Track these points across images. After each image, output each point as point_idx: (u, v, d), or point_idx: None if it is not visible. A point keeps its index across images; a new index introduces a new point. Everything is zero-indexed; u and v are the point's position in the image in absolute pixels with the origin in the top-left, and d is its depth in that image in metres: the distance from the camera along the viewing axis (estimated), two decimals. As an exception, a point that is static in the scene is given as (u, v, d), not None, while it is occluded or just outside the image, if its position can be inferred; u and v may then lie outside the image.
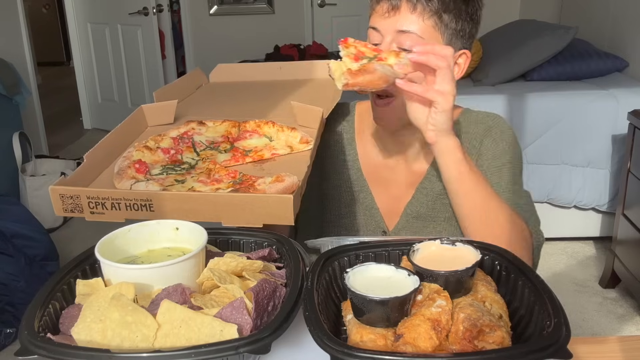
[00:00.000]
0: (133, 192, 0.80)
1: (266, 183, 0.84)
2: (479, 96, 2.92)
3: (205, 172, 0.90)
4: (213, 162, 0.94)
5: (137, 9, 4.68)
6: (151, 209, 0.80)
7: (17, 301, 2.30)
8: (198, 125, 1.05)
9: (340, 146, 1.19)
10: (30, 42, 4.26)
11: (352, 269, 0.76)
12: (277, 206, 0.78)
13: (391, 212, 1.16)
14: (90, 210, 0.82)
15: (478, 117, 1.17)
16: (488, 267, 0.84)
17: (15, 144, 3.44)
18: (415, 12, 1.00)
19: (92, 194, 0.81)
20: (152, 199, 0.80)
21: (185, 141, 1.00)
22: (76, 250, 0.86)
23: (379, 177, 1.17)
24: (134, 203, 0.80)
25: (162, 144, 0.98)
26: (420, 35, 1.01)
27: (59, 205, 0.83)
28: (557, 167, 2.90)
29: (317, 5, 4.94)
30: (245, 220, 0.79)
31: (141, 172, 0.89)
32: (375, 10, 1.05)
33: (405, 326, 0.70)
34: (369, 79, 0.87)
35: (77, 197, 0.82)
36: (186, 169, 0.92)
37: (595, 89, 2.91)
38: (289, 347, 0.78)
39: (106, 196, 0.81)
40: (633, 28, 3.10)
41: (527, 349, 0.64)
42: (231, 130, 1.04)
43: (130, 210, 0.80)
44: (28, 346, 0.64)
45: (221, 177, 0.87)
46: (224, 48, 4.89)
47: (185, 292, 0.72)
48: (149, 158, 0.94)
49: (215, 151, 0.98)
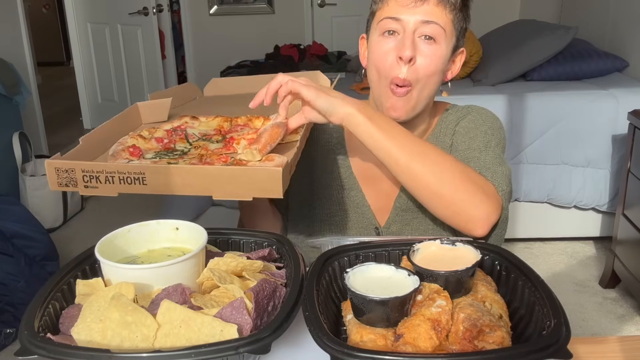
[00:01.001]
0: (127, 166, 0.82)
1: (256, 163, 0.86)
2: (479, 96, 2.92)
3: (197, 157, 0.91)
4: (205, 148, 0.95)
5: (137, 9, 4.68)
6: (144, 182, 0.81)
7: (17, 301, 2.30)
8: (191, 119, 1.07)
9: (330, 145, 1.20)
10: (30, 42, 4.26)
11: (352, 269, 0.76)
12: (266, 179, 0.78)
13: (382, 208, 1.17)
14: (85, 184, 0.83)
15: (461, 108, 1.20)
16: (488, 267, 0.84)
17: (15, 144, 3.44)
18: (440, 4, 1.02)
19: (87, 167, 0.83)
20: (145, 172, 0.81)
21: (179, 133, 1.02)
22: (76, 250, 0.86)
23: (369, 175, 1.18)
24: (127, 176, 0.81)
25: (156, 134, 1.00)
26: (443, 27, 1.03)
27: (54, 179, 0.84)
28: (557, 167, 2.90)
29: (317, 5, 4.94)
30: (235, 194, 0.80)
31: (135, 155, 0.91)
32: (395, 0, 1.04)
33: (405, 326, 0.70)
34: (267, 136, 0.91)
35: (72, 171, 0.83)
36: (179, 155, 0.93)
37: (595, 89, 2.91)
38: (289, 347, 0.78)
39: (100, 169, 0.82)
40: (633, 28, 3.10)
41: (527, 349, 0.64)
42: (223, 125, 1.06)
43: (124, 184, 0.82)
44: (28, 346, 0.64)
45: (212, 161, 0.88)
46: (224, 48, 4.88)
47: (185, 292, 0.72)
48: (144, 145, 0.96)
49: (207, 142, 0.99)
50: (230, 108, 1.23)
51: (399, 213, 1.15)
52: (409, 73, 1.03)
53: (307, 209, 1.20)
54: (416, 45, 1.03)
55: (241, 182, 0.79)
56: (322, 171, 1.19)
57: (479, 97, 2.91)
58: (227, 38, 5.00)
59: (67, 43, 7.64)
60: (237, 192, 0.80)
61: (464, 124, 1.14)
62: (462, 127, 1.14)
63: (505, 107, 2.86)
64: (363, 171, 1.18)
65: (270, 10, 4.99)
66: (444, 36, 1.03)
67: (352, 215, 1.17)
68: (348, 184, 1.18)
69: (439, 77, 1.07)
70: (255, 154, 0.87)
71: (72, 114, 5.62)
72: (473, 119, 1.15)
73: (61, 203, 3.40)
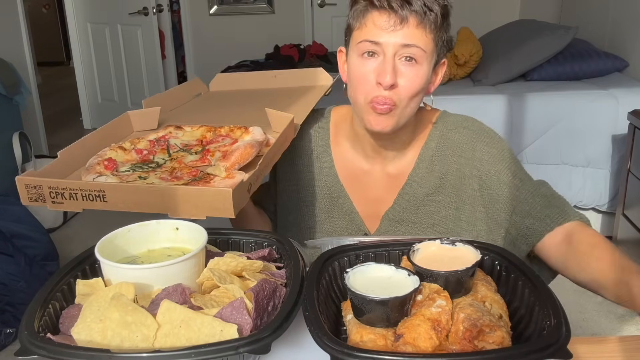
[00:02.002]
0: (88, 184, 0.85)
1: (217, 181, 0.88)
2: (479, 96, 2.92)
3: (169, 170, 0.93)
4: (179, 161, 0.97)
5: (137, 9, 4.68)
6: (104, 199, 0.85)
7: (17, 301, 2.30)
8: (175, 129, 1.09)
9: (316, 153, 1.19)
10: (30, 42, 4.26)
11: (352, 269, 0.76)
12: (217, 199, 0.80)
13: (370, 215, 1.16)
14: (52, 200, 0.87)
15: (457, 121, 1.16)
16: (488, 267, 0.84)
17: (15, 144, 3.44)
18: (420, 25, 0.98)
19: (53, 184, 0.86)
20: (105, 190, 0.84)
21: (161, 144, 1.04)
22: (76, 250, 0.87)
23: (356, 182, 1.17)
24: (89, 194, 0.85)
25: (139, 146, 1.03)
26: (424, 49, 0.99)
27: (24, 195, 0.89)
28: (557, 167, 2.90)
29: (317, 5, 4.94)
30: (189, 212, 0.82)
31: (109, 169, 0.94)
32: (373, 22, 1.00)
33: (405, 326, 0.70)
34: (237, 155, 0.92)
35: (40, 187, 0.87)
36: (152, 168, 0.95)
37: (595, 89, 2.91)
38: (289, 347, 0.78)
39: (64, 186, 0.85)
40: (633, 28, 3.10)
41: (527, 349, 0.64)
42: (206, 135, 1.07)
43: (87, 201, 0.85)
44: (28, 346, 0.65)
45: (182, 174, 0.90)
46: (224, 48, 4.88)
47: (185, 292, 0.72)
48: (122, 157, 0.99)
49: (186, 153, 1.01)
50: (226, 113, 1.24)
51: (392, 224, 1.14)
52: (390, 94, 1.00)
53: (294, 216, 1.20)
54: (397, 69, 1.00)
55: (194, 202, 0.81)
56: (309, 179, 1.19)
57: (479, 97, 2.92)
58: (227, 38, 4.99)
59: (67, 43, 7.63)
60: (192, 211, 0.82)
61: (483, 149, 1.12)
62: (483, 154, 1.11)
63: (505, 107, 2.86)
64: (350, 178, 1.17)
65: (270, 10, 4.98)
66: (425, 56, 1.00)
67: (341, 222, 1.17)
68: (335, 191, 1.17)
69: (421, 95, 1.05)
70: (222, 170, 0.89)
71: (72, 114, 5.62)
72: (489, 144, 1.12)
73: (61, 203, 3.39)
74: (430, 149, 1.14)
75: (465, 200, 1.12)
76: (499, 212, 1.10)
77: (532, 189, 1.10)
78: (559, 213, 1.07)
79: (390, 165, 1.15)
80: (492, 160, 1.11)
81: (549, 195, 1.10)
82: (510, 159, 1.12)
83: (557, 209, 1.07)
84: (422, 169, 1.13)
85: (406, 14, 0.97)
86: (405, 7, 0.97)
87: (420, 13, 0.98)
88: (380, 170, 1.16)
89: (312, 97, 1.24)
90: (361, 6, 1.02)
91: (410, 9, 0.97)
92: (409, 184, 1.14)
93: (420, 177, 1.13)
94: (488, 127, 1.16)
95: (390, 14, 0.98)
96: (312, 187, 1.18)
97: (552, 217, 1.07)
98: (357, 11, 1.03)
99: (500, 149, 1.12)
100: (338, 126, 1.20)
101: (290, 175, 1.20)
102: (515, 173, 1.11)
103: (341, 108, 1.21)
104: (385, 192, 1.15)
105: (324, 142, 1.19)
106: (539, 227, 1.07)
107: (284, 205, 1.21)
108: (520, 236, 1.10)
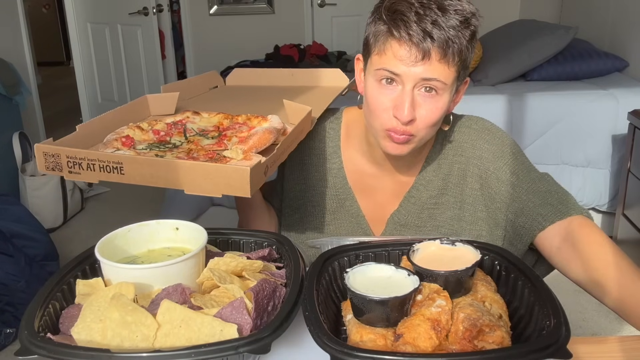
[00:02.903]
0: (106, 155, 0.85)
1: (234, 163, 0.87)
2: (479, 96, 2.92)
3: (186, 151, 0.93)
4: (196, 143, 0.97)
5: (137, 9, 4.68)
6: (121, 171, 0.84)
7: (17, 301, 2.30)
8: (193, 114, 1.08)
9: (326, 154, 1.18)
10: (30, 42, 4.25)
11: (352, 269, 0.76)
12: (234, 177, 0.80)
13: (376, 219, 1.15)
14: (69, 169, 0.87)
15: (461, 121, 1.15)
16: (488, 267, 0.84)
17: (15, 144, 3.44)
18: (443, 59, 0.93)
19: (71, 153, 0.86)
20: (123, 162, 0.84)
21: (178, 127, 1.03)
22: (76, 250, 0.87)
23: (364, 185, 1.16)
24: (106, 165, 0.84)
25: (156, 127, 1.03)
26: (445, 82, 0.95)
27: (42, 162, 0.88)
28: (557, 167, 2.90)
29: (317, 5, 4.93)
30: (205, 189, 0.82)
31: (126, 146, 0.93)
32: (393, 53, 0.94)
33: (405, 326, 0.70)
34: (256, 139, 0.92)
35: (58, 156, 0.86)
36: (169, 148, 0.95)
37: (595, 89, 2.91)
38: (289, 347, 0.78)
39: (82, 156, 0.85)
40: (633, 28, 3.09)
41: (527, 348, 0.64)
42: (223, 122, 1.06)
43: (104, 172, 0.85)
44: (28, 346, 0.65)
45: (199, 156, 0.90)
46: (224, 48, 4.88)
47: (185, 292, 0.72)
48: (139, 136, 0.99)
49: (202, 137, 1.00)
50: (242, 104, 1.24)
51: (397, 227, 1.14)
52: (408, 128, 0.98)
53: (300, 216, 1.19)
54: (415, 102, 0.96)
55: (211, 178, 0.80)
56: (317, 179, 1.18)
57: (479, 97, 2.92)
58: (227, 38, 4.99)
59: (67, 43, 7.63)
60: (207, 188, 0.82)
61: (483, 146, 1.11)
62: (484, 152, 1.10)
63: (505, 107, 2.86)
64: (358, 181, 1.16)
65: (270, 10, 4.98)
66: (446, 88, 0.96)
67: (346, 224, 1.16)
68: (343, 193, 1.16)
69: (440, 122, 1.02)
70: (239, 153, 0.88)
71: (72, 114, 5.62)
72: (489, 141, 1.11)
73: (61, 203, 3.40)
74: (436, 152, 1.13)
75: (467, 199, 1.11)
76: (497, 212, 1.10)
77: (527, 186, 1.08)
78: (552, 211, 1.05)
79: (399, 171, 1.14)
80: (492, 157, 1.10)
81: (545, 192, 1.08)
82: (510, 156, 1.10)
83: (551, 207, 1.06)
84: (430, 172, 1.13)
85: (428, 47, 0.92)
86: (427, 40, 0.91)
87: (442, 47, 0.92)
88: (390, 176, 1.15)
89: (328, 96, 1.23)
90: (382, 29, 0.96)
91: (432, 43, 0.92)
92: (415, 187, 1.13)
93: (427, 180, 1.13)
94: (491, 124, 1.14)
95: (412, 47, 0.92)
96: (319, 187, 1.18)
97: (545, 216, 1.05)
98: (377, 33, 0.97)
99: (500, 146, 1.11)
100: (349, 128, 1.18)
101: (298, 174, 1.19)
102: (514, 170, 1.10)
103: (354, 109, 1.20)
104: (391, 197, 1.15)
105: (334, 143, 1.18)
106: (531, 225, 1.06)
107: (290, 204, 1.21)
108: (516, 235, 1.09)
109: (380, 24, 0.97)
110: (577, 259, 1.01)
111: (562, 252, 1.04)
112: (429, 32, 0.91)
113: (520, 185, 1.09)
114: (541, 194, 1.08)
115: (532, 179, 1.10)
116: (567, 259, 1.03)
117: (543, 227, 1.05)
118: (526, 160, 1.13)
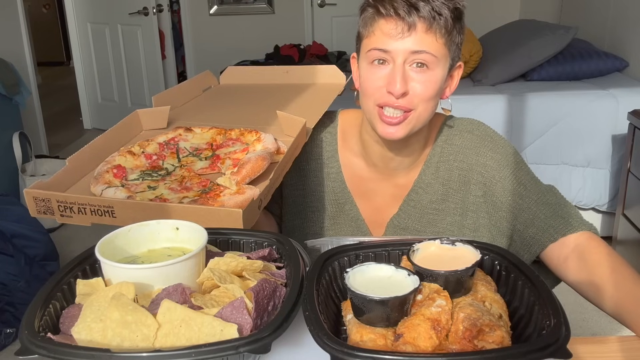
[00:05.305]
0: (97, 199, 0.85)
1: (228, 195, 0.87)
2: (479, 96, 2.92)
3: (179, 179, 0.93)
4: (189, 169, 0.96)
5: (137, 9, 4.68)
6: (113, 215, 0.84)
7: (17, 301, 2.30)
8: (185, 131, 1.07)
9: (323, 158, 1.17)
10: (30, 42, 4.26)
11: (352, 269, 0.76)
12: (228, 219, 0.81)
13: (375, 222, 1.15)
14: (60, 213, 0.87)
15: (462, 125, 1.14)
16: (488, 267, 0.84)
17: (15, 144, 3.44)
18: (430, 31, 0.96)
19: (61, 198, 0.85)
20: (114, 206, 0.84)
21: (171, 147, 1.03)
22: (76, 250, 0.87)
23: (362, 189, 1.16)
24: (97, 209, 0.85)
25: (148, 149, 1.02)
26: (434, 54, 0.97)
27: (32, 207, 0.88)
28: (557, 167, 2.90)
29: (317, 5, 4.94)
30: None
31: (118, 177, 0.93)
32: (381, 30, 0.98)
33: (405, 326, 0.70)
34: (249, 168, 0.91)
35: (48, 201, 0.86)
36: (162, 176, 0.94)
37: (595, 89, 2.91)
38: (289, 347, 0.78)
39: (73, 201, 0.85)
40: (633, 28, 3.10)
41: (527, 348, 0.64)
42: (216, 138, 1.06)
43: (95, 215, 0.85)
44: (28, 346, 0.65)
45: (192, 185, 0.90)
46: (224, 48, 4.88)
47: (185, 291, 0.72)
48: (131, 163, 0.98)
49: (196, 158, 0.99)
50: (236, 109, 1.23)
51: (397, 231, 1.14)
52: (403, 101, 0.99)
53: (299, 221, 1.19)
54: (407, 76, 0.98)
55: (204, 221, 0.81)
56: (316, 184, 1.17)
57: (479, 97, 2.92)
58: (227, 38, 4.99)
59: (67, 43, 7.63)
60: None
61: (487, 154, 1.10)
62: (488, 159, 1.10)
63: (505, 107, 2.86)
64: (357, 185, 1.16)
65: (270, 10, 4.98)
66: (437, 61, 0.98)
67: (346, 228, 1.16)
68: (342, 198, 1.16)
69: (436, 99, 1.03)
70: (232, 184, 0.88)
71: (72, 114, 5.62)
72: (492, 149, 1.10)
73: (61, 203, 3.39)
74: (435, 155, 1.13)
75: (469, 206, 1.11)
76: (502, 220, 1.09)
77: (536, 197, 1.08)
78: (563, 224, 1.05)
79: (398, 174, 1.14)
80: (496, 165, 1.10)
81: (554, 204, 1.08)
82: (515, 165, 1.10)
83: (562, 220, 1.06)
84: (428, 175, 1.12)
85: (414, 20, 0.95)
86: (412, 13, 0.95)
87: (428, 18, 0.95)
88: (389, 179, 1.14)
89: (324, 98, 1.22)
90: (369, 14, 1.01)
91: (417, 14, 0.95)
92: (414, 190, 1.13)
93: (426, 183, 1.12)
94: (493, 131, 1.14)
95: (398, 21, 0.96)
96: (318, 192, 1.17)
97: (556, 228, 1.05)
98: (366, 19, 1.01)
99: (504, 154, 1.11)
100: (346, 131, 1.18)
101: (297, 180, 1.18)
102: (520, 180, 1.09)
103: (349, 112, 1.20)
104: (391, 200, 1.14)
105: (331, 147, 1.18)
106: (542, 237, 1.06)
107: (290, 210, 1.20)
108: (523, 245, 1.09)
109: (368, 10, 1.01)
110: (584, 269, 1.01)
111: (569, 263, 1.04)
112: (414, 4, 0.95)
113: (529, 196, 1.08)
114: (551, 206, 1.08)
115: (540, 191, 1.10)
116: (574, 270, 1.03)
117: (555, 239, 1.05)
118: (530, 171, 1.13)
